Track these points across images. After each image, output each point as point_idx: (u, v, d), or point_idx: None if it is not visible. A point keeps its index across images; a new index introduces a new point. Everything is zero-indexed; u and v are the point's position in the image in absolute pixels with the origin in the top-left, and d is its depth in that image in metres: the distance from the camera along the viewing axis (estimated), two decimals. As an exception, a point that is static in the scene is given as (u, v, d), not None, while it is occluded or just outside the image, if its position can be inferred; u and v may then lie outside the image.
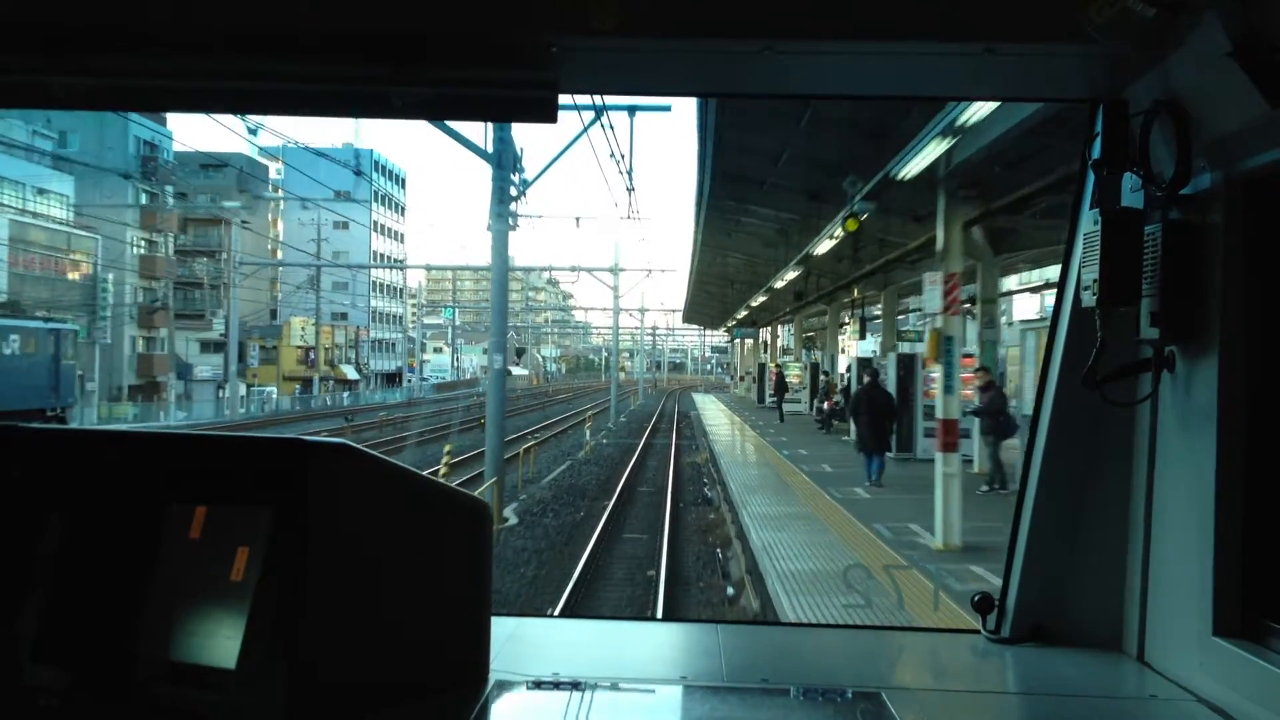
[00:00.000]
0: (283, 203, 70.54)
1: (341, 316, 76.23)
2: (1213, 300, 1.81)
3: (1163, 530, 1.99)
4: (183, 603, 1.57)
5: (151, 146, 54.12)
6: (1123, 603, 2.10)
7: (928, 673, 2.24)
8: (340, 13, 1.72)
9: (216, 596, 1.54)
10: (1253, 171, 1.74)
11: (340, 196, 53.49)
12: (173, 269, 55.40)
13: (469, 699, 1.73)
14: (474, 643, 1.82)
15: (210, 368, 56.59)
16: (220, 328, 52.20)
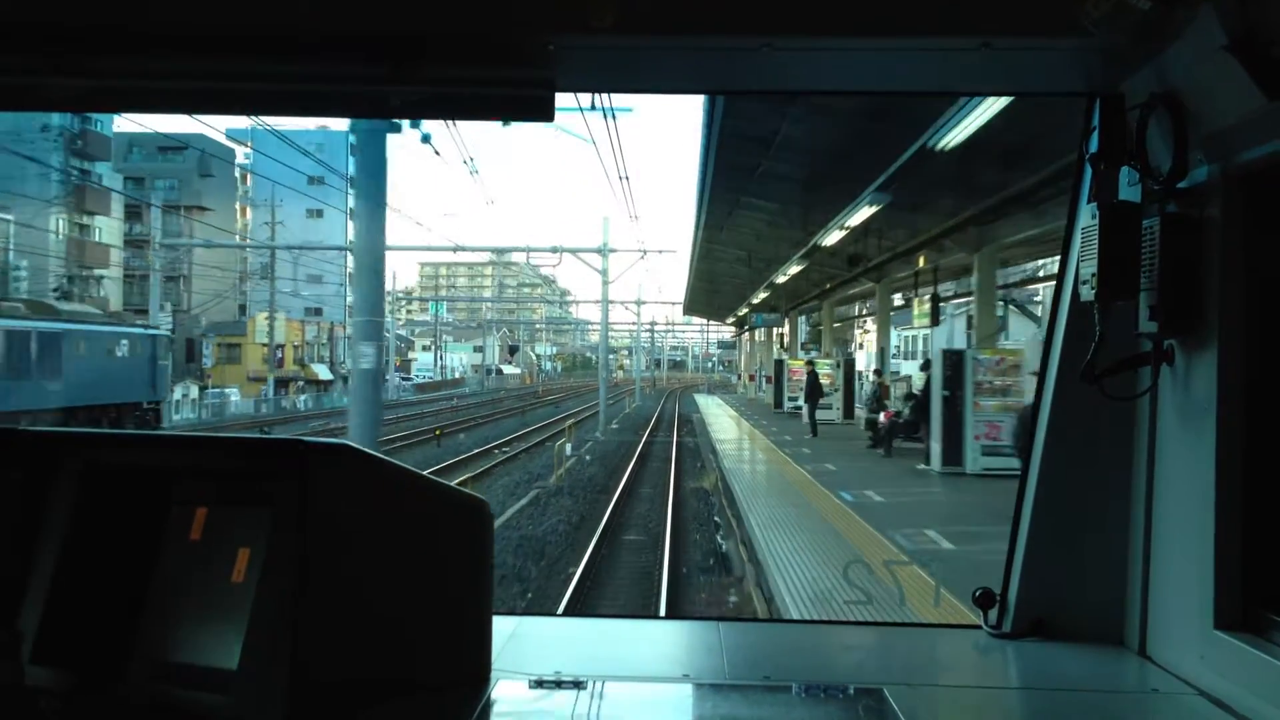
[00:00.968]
0: (250, 190, 66.93)
1: (316, 312, 70.86)
2: (1211, 293, 1.85)
3: (1163, 524, 2.03)
4: (184, 604, 1.61)
5: (83, 120, 48.42)
6: (1123, 597, 2.14)
7: (929, 668, 2.28)
8: (339, 13, 1.78)
9: (218, 598, 1.57)
10: (1250, 164, 1.78)
11: (314, 182, 48.10)
12: (104, 256, 49.76)
13: (471, 697, 1.77)
14: (475, 641, 1.86)
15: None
16: (166, 322, 46.88)
